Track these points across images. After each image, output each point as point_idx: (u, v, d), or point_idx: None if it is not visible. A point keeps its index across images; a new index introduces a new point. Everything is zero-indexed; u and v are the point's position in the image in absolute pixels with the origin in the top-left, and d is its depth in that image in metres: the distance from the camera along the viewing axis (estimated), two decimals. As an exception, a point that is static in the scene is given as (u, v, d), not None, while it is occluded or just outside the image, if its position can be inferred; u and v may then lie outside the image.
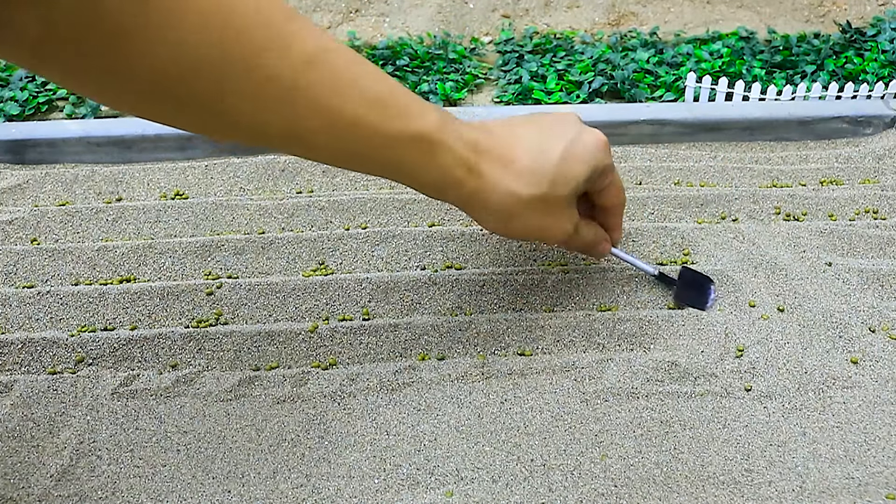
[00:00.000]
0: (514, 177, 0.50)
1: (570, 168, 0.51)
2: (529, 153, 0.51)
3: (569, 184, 0.51)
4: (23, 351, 0.59)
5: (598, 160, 0.53)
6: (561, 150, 0.51)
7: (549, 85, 1.04)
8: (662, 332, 0.59)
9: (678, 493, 0.49)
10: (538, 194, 0.50)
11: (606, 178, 0.55)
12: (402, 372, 0.57)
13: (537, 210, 0.51)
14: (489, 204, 0.50)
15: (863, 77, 1.04)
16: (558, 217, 0.53)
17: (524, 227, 0.52)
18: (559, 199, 0.52)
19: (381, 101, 0.45)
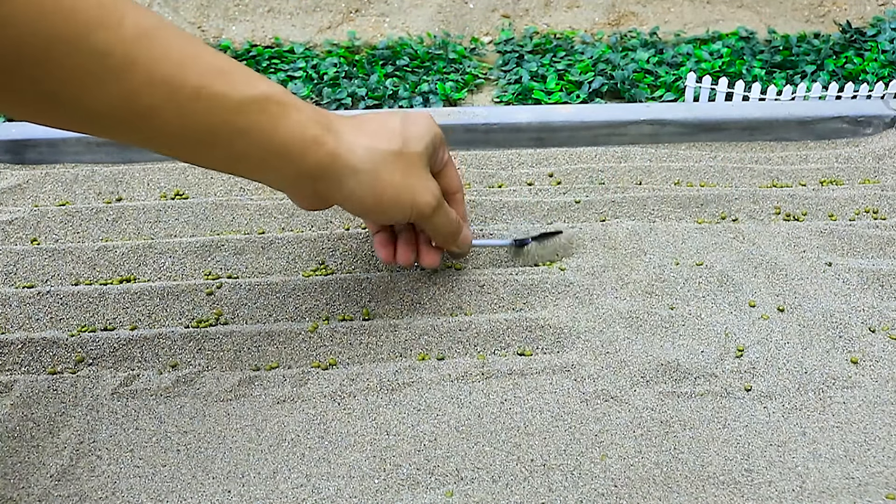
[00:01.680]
0: (368, 136, 0.51)
1: (414, 128, 0.53)
2: (374, 121, 0.53)
3: (419, 141, 0.53)
4: (23, 351, 0.59)
5: (435, 128, 0.55)
6: (400, 118, 0.53)
7: (549, 85, 1.04)
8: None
9: (678, 493, 0.49)
10: (395, 149, 0.51)
11: (444, 150, 0.57)
12: (402, 372, 0.57)
13: (399, 167, 0.52)
14: (351, 162, 0.50)
15: (863, 77, 1.04)
16: (422, 177, 0.53)
17: (394, 188, 0.52)
18: (416, 156, 0.52)
19: (222, 70, 0.45)
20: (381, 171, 0.51)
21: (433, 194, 0.54)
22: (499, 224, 0.70)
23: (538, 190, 0.74)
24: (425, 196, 0.53)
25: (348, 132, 0.50)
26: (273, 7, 1.30)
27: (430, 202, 0.54)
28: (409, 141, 0.52)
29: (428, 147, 0.54)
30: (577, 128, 0.80)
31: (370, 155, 0.50)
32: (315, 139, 0.48)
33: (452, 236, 0.58)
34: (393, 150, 0.51)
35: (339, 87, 1.04)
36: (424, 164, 0.54)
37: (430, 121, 0.55)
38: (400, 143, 0.52)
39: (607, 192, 0.74)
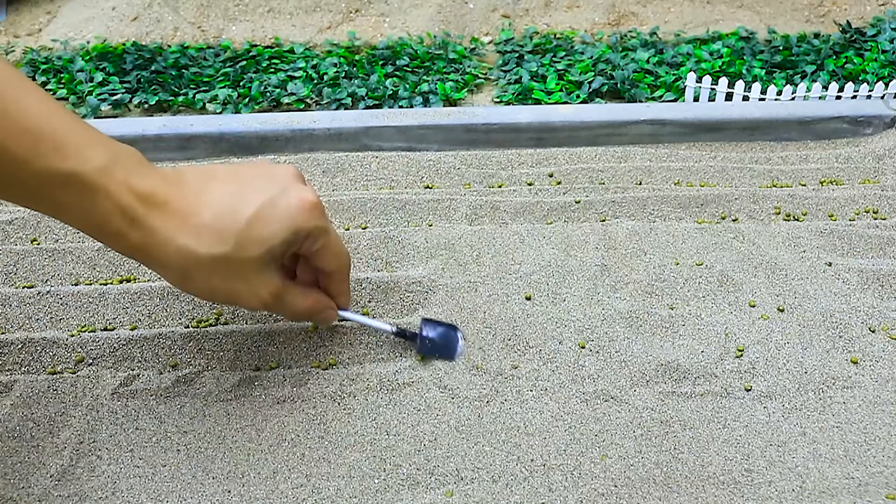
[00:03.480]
0: (192, 233, 0.45)
1: (263, 229, 0.47)
2: (214, 209, 0.46)
3: (260, 246, 0.47)
4: (23, 351, 0.59)
5: (302, 222, 0.48)
6: (255, 209, 0.47)
7: (549, 85, 1.04)
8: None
9: (678, 493, 0.49)
10: (219, 254, 0.46)
11: (315, 241, 0.50)
12: (402, 372, 0.57)
13: (219, 272, 0.47)
14: (160, 260, 0.46)
15: (863, 77, 1.04)
16: (249, 282, 0.48)
17: (208, 290, 0.48)
18: (247, 261, 0.47)
19: (34, 133, 0.41)
20: (194, 275, 0.47)
21: (259, 299, 0.49)
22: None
23: (538, 190, 0.74)
24: (249, 300, 0.49)
25: (166, 224, 0.45)
26: (273, 7, 1.30)
27: (257, 306, 0.49)
28: (245, 245, 0.46)
29: (272, 249, 0.47)
30: (577, 128, 0.80)
31: (182, 258, 0.46)
32: (117, 233, 0.44)
33: (302, 318, 0.54)
34: (215, 255, 0.46)
35: (339, 87, 1.04)
36: (259, 267, 0.48)
37: (299, 214, 0.48)
38: (230, 248, 0.46)
39: (607, 192, 0.74)
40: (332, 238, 0.52)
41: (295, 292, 0.52)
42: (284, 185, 0.48)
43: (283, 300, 0.51)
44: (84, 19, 1.27)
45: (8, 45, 1.21)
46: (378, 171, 0.77)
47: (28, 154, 0.41)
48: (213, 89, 1.05)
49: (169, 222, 0.45)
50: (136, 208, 0.44)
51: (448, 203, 0.72)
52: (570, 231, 0.69)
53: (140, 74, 1.08)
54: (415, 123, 0.80)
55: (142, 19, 1.27)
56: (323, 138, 0.80)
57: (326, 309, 0.54)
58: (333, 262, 0.53)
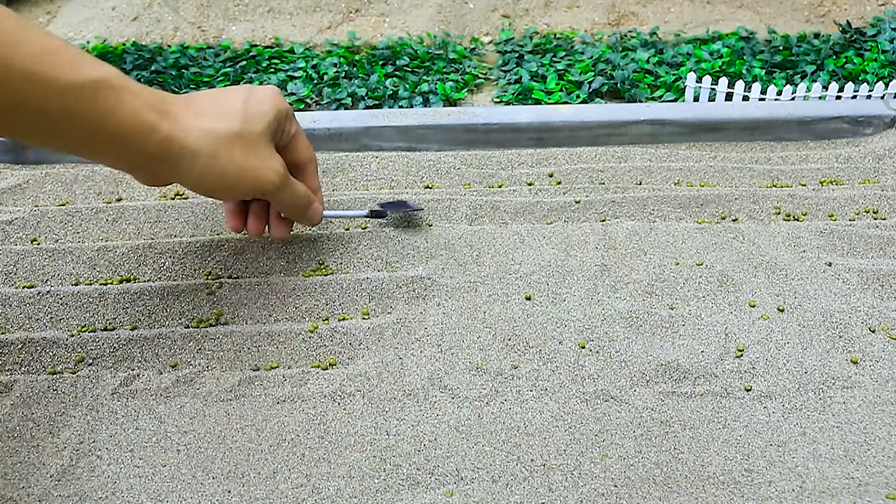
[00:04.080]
0: (206, 118, 0.51)
1: (256, 107, 0.53)
2: (212, 101, 0.53)
3: (261, 120, 0.53)
4: (23, 351, 0.59)
5: (280, 103, 0.55)
6: (242, 96, 0.54)
7: (549, 85, 1.04)
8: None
9: (678, 493, 0.49)
10: (235, 130, 0.52)
11: (292, 123, 0.57)
12: (401, 372, 0.57)
13: (239, 147, 0.52)
14: (189, 145, 0.50)
15: (863, 77, 1.04)
16: (264, 156, 0.54)
17: (235, 169, 0.52)
18: (257, 135, 0.53)
19: (52, 52, 0.44)
20: (220, 152, 0.51)
21: (276, 172, 0.54)
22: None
23: (538, 190, 0.74)
24: (268, 175, 0.54)
25: (186, 115, 0.50)
26: (273, 7, 1.30)
27: (274, 181, 0.54)
28: (250, 120, 0.53)
29: (270, 125, 0.54)
30: (577, 128, 0.80)
31: (207, 137, 0.51)
32: (150, 125, 0.48)
33: (301, 210, 0.59)
34: (232, 132, 0.52)
35: (339, 87, 1.04)
36: (266, 142, 0.54)
37: (275, 96, 0.55)
38: (239, 124, 0.52)
39: (607, 192, 0.74)
40: (300, 128, 0.59)
41: (293, 178, 0.57)
42: (251, 86, 0.56)
43: (290, 179, 0.56)
44: (84, 19, 1.27)
45: (8, 45, 1.21)
46: (378, 171, 0.77)
47: (54, 70, 0.44)
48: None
49: (188, 112, 0.51)
50: (158, 102, 0.49)
51: (448, 203, 0.72)
52: (570, 231, 0.69)
53: (140, 74, 1.08)
54: (415, 123, 0.80)
55: (142, 19, 1.27)
56: (323, 138, 0.80)
57: (314, 202, 0.60)
58: (307, 151, 0.60)
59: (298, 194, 0.58)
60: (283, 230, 0.61)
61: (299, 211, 0.59)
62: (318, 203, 0.61)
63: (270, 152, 0.54)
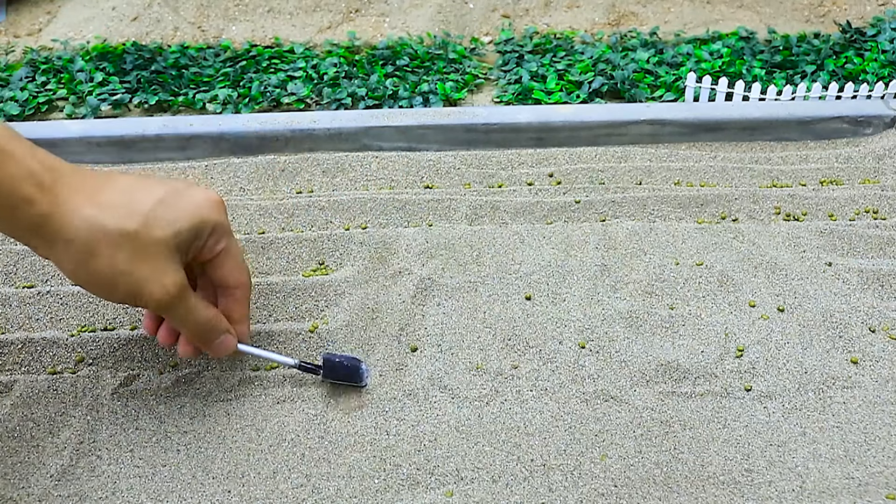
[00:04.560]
0: (99, 207, 0.45)
1: (171, 212, 0.47)
2: (121, 189, 0.46)
3: (168, 227, 0.46)
4: (23, 351, 0.59)
5: (207, 214, 0.48)
6: (161, 194, 0.47)
7: (549, 85, 1.04)
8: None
9: (678, 493, 0.49)
10: (128, 230, 0.45)
11: (219, 240, 0.50)
12: (401, 372, 0.57)
13: (126, 251, 0.45)
14: (65, 232, 0.44)
15: (863, 77, 1.04)
16: (155, 267, 0.46)
17: (112, 272, 0.45)
18: (155, 242, 0.46)
19: None
20: (99, 249, 0.45)
21: (164, 289, 0.47)
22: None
23: (538, 190, 0.74)
24: (152, 288, 0.46)
25: (73, 197, 0.45)
26: (273, 7, 1.30)
27: (158, 297, 0.47)
28: (155, 224, 0.46)
29: (179, 234, 0.47)
30: (577, 128, 0.80)
31: (89, 228, 0.44)
32: (26, 199, 0.43)
33: (200, 338, 0.51)
34: (123, 230, 0.45)
35: (339, 87, 1.04)
36: (166, 252, 0.46)
37: (204, 205, 0.48)
38: (139, 224, 0.45)
39: (607, 192, 0.74)
40: (235, 245, 0.51)
41: (197, 298, 0.49)
42: (189, 183, 0.50)
43: (187, 301, 0.48)
44: (84, 19, 1.27)
45: (8, 45, 1.21)
46: (378, 171, 0.77)
47: None
48: (213, 89, 1.05)
49: (76, 194, 0.45)
50: (44, 174, 0.44)
51: (448, 203, 0.72)
52: (570, 231, 0.69)
53: (140, 74, 1.08)
54: (415, 123, 0.80)
55: (142, 19, 1.27)
56: (323, 138, 0.80)
57: (225, 332, 0.52)
58: (235, 273, 0.52)
59: (196, 320, 0.49)
60: (187, 350, 0.52)
61: (199, 338, 0.51)
62: (229, 337, 0.52)
63: (166, 265, 0.46)
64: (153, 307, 0.48)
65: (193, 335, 0.51)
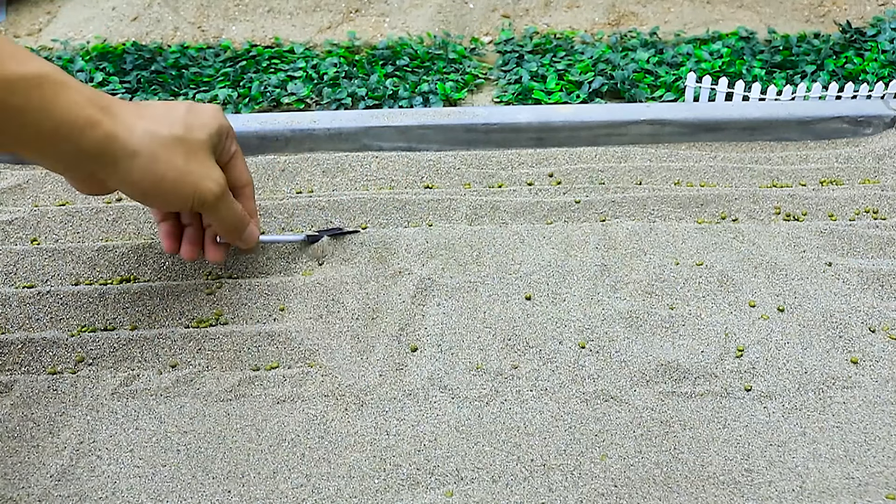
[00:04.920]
0: (149, 119, 0.51)
1: (199, 117, 0.53)
2: (155, 107, 0.53)
3: (203, 129, 0.53)
4: (23, 351, 0.59)
5: (222, 119, 0.55)
6: (185, 107, 0.54)
7: (549, 85, 1.04)
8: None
9: (678, 493, 0.49)
10: (177, 134, 0.51)
11: (232, 141, 0.57)
12: (401, 372, 0.57)
13: (180, 152, 0.51)
14: (130, 144, 0.49)
15: (863, 77, 1.04)
16: (205, 165, 0.53)
17: (175, 174, 0.51)
18: (199, 143, 0.53)
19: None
20: (161, 154, 0.50)
21: (216, 182, 0.54)
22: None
23: (538, 190, 0.74)
24: (207, 183, 0.53)
25: (128, 114, 0.50)
26: (273, 7, 1.30)
27: (213, 189, 0.54)
28: (193, 128, 0.53)
29: (213, 136, 0.54)
30: (577, 128, 0.80)
31: (149, 137, 0.50)
32: (90, 120, 0.47)
33: (237, 229, 0.58)
34: (174, 135, 0.51)
35: (339, 87, 1.04)
36: (208, 151, 0.54)
37: (217, 112, 0.56)
38: (182, 129, 0.52)
39: (607, 192, 0.74)
40: (240, 151, 0.59)
41: (232, 195, 0.57)
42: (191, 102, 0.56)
43: (228, 194, 0.56)
44: (84, 19, 1.27)
45: (8, 45, 1.21)
46: (378, 171, 0.77)
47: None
48: (213, 89, 1.05)
49: (130, 111, 0.50)
50: (100, 99, 0.49)
51: (448, 203, 0.72)
52: (570, 231, 0.69)
53: (140, 74, 1.08)
54: (415, 123, 0.80)
55: (142, 19, 1.27)
56: (323, 138, 0.80)
57: (251, 223, 0.60)
58: (245, 173, 0.59)
59: (236, 211, 0.57)
60: (217, 253, 0.60)
61: (235, 229, 0.58)
62: (254, 226, 0.60)
63: (211, 162, 0.54)
64: (210, 202, 0.54)
65: (229, 228, 0.58)
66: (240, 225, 0.58)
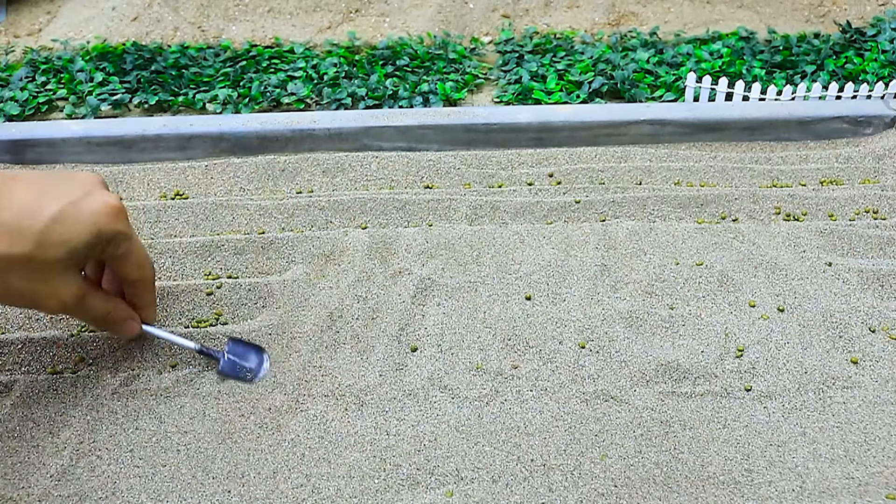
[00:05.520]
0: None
1: (65, 230, 0.48)
2: (13, 210, 0.47)
3: (62, 247, 0.48)
4: (23, 351, 0.59)
5: (104, 225, 0.49)
6: (56, 210, 0.47)
7: (549, 85, 1.04)
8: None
9: (678, 493, 0.49)
10: (19, 254, 0.46)
11: (118, 246, 0.51)
12: (401, 372, 0.57)
13: (18, 273, 0.47)
14: None
15: (863, 77, 1.04)
16: (51, 284, 0.48)
17: (7, 292, 0.48)
18: (49, 262, 0.47)
19: None
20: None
21: (60, 301, 0.50)
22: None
23: (538, 190, 0.74)
24: (48, 302, 0.49)
25: None
26: (273, 7, 1.30)
27: (55, 308, 0.50)
28: (45, 245, 0.47)
29: (74, 251, 0.48)
30: (577, 128, 0.80)
31: None
32: None
33: (104, 326, 0.54)
34: (16, 256, 0.46)
35: (339, 87, 1.04)
36: (59, 269, 0.48)
37: (102, 217, 0.49)
38: (30, 248, 0.47)
39: (607, 192, 0.74)
40: (136, 246, 0.53)
41: (97, 296, 0.52)
42: (88, 189, 0.50)
43: (85, 304, 0.51)
44: (84, 19, 1.27)
45: (8, 45, 1.21)
46: (378, 171, 0.77)
47: None
48: (213, 89, 1.05)
49: None
50: None
51: (448, 203, 0.72)
52: (570, 231, 0.69)
53: (140, 74, 1.08)
54: (415, 123, 0.80)
55: (142, 19, 1.27)
56: (323, 138, 0.80)
57: (128, 319, 0.55)
58: (136, 271, 0.54)
59: (97, 315, 0.53)
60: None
61: (102, 327, 0.55)
62: (131, 322, 0.55)
63: (62, 279, 0.49)
64: (55, 313, 0.51)
65: (97, 326, 0.54)
66: (108, 324, 0.54)
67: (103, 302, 0.53)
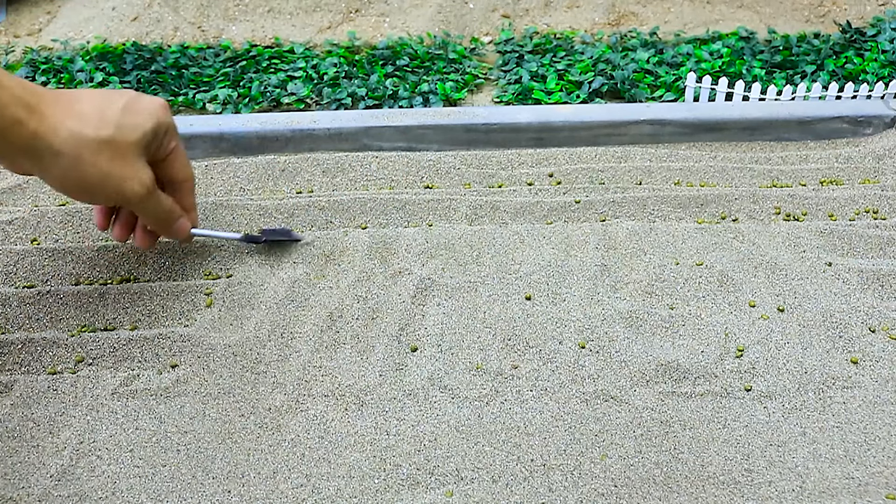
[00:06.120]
0: (78, 119, 0.51)
1: (135, 116, 0.53)
2: (92, 102, 0.52)
3: (136, 130, 0.53)
4: (23, 351, 0.59)
5: (162, 116, 0.55)
6: (124, 102, 0.54)
7: (549, 85, 1.04)
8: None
9: (678, 493, 0.49)
10: (105, 136, 0.52)
11: (172, 139, 0.57)
12: (401, 372, 0.57)
13: (106, 155, 0.52)
14: (53, 146, 0.50)
15: (863, 77, 1.04)
16: (132, 166, 0.53)
17: (98, 175, 0.52)
18: (128, 145, 0.53)
19: None
20: (84, 156, 0.51)
21: (141, 184, 0.54)
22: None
23: (538, 190, 0.74)
24: (131, 185, 0.54)
25: (56, 113, 0.50)
26: (273, 7, 1.30)
27: (137, 191, 0.54)
28: (123, 129, 0.53)
29: (146, 135, 0.54)
30: (577, 128, 0.80)
31: (74, 139, 0.51)
32: (16, 119, 0.49)
33: (164, 225, 0.59)
34: (100, 137, 0.51)
35: (339, 87, 1.04)
36: (137, 152, 0.54)
37: (158, 109, 0.55)
38: (111, 131, 0.52)
39: (607, 192, 0.74)
40: (181, 147, 0.59)
41: (161, 191, 0.58)
42: (137, 93, 0.56)
43: (156, 192, 0.56)
44: (84, 19, 1.27)
45: (8, 45, 1.21)
46: (378, 171, 0.77)
47: None
48: (213, 89, 1.05)
49: (57, 109, 0.51)
50: (29, 97, 0.50)
51: (448, 203, 0.72)
52: (570, 231, 0.69)
53: (140, 74, 1.08)
54: (415, 123, 0.80)
55: (142, 19, 1.27)
56: (323, 138, 0.80)
57: (182, 217, 0.60)
58: (184, 169, 0.60)
59: (163, 209, 0.58)
60: (145, 241, 0.61)
61: (163, 225, 0.59)
62: (185, 220, 0.61)
63: (139, 163, 0.54)
64: (134, 202, 0.55)
65: (158, 222, 0.59)
66: (167, 221, 0.59)
67: (165, 196, 0.58)
